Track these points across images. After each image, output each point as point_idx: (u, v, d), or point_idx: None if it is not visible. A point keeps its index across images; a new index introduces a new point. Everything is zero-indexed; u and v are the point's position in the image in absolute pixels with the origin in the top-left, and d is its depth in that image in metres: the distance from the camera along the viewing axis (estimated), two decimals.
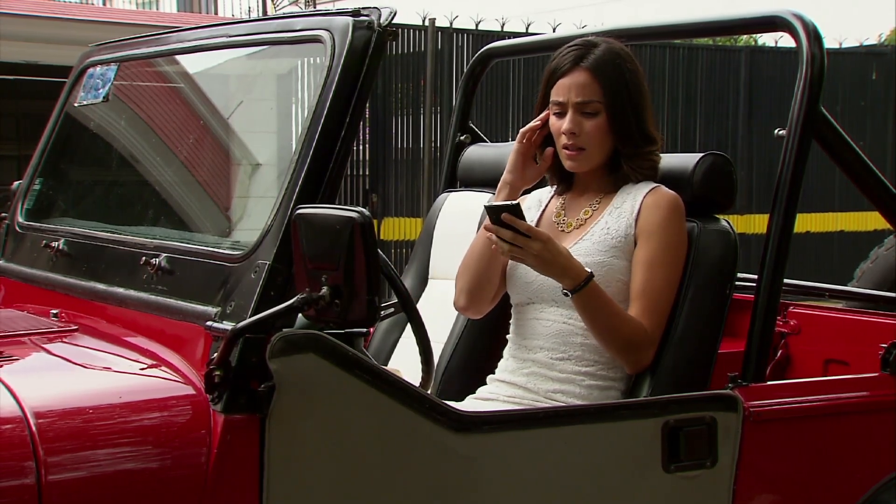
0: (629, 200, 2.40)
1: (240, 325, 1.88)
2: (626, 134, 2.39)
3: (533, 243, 2.21)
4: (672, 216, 2.36)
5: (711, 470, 2.29)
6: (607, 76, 2.37)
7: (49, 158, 2.92)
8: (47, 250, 2.61)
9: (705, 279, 2.46)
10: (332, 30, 2.07)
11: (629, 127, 2.39)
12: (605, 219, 2.41)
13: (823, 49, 2.44)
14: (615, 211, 2.40)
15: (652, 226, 2.35)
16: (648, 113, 2.43)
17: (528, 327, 2.43)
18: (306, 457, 1.93)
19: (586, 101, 2.37)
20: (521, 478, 2.13)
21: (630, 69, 2.40)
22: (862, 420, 2.53)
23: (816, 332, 3.31)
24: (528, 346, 2.41)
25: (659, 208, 2.36)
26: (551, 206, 2.55)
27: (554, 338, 2.38)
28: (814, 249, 10.48)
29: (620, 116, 2.38)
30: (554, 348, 2.38)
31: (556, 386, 2.35)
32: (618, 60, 2.39)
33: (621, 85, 2.38)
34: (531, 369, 2.39)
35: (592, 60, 2.38)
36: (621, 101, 2.37)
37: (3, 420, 1.81)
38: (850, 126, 8.81)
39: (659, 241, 2.34)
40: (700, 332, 2.45)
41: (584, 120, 2.38)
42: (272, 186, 2.19)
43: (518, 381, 2.40)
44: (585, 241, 2.39)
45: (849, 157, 2.59)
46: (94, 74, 2.82)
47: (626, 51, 2.44)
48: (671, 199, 2.38)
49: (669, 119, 10.11)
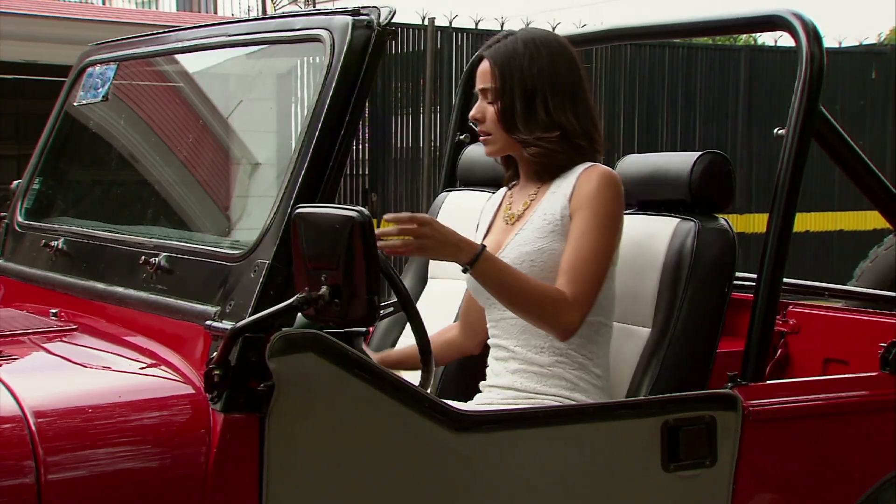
0: (564, 184, 2.38)
1: (239, 324, 1.88)
2: (511, 120, 2.38)
3: (422, 228, 2.16)
4: (602, 188, 2.32)
5: (711, 469, 2.29)
6: (500, 63, 2.39)
7: (48, 158, 2.92)
8: (47, 250, 2.61)
9: (704, 278, 2.46)
10: (332, 29, 2.07)
11: (513, 113, 2.38)
12: (542, 205, 2.40)
13: (823, 48, 2.44)
14: (552, 196, 2.39)
15: (582, 199, 2.33)
16: (561, 99, 2.37)
17: (499, 328, 2.43)
18: (306, 456, 1.93)
19: (485, 88, 2.42)
20: (520, 477, 2.13)
21: (530, 56, 2.37)
22: (861, 419, 2.53)
23: (816, 331, 3.31)
24: (505, 347, 2.41)
25: (590, 181, 2.34)
26: (504, 202, 2.56)
27: (522, 334, 2.37)
28: (813, 249, 10.48)
29: (508, 103, 2.38)
30: (526, 344, 2.37)
31: (541, 381, 2.34)
32: (520, 48, 2.39)
33: (512, 72, 2.38)
34: (513, 367, 2.39)
35: (494, 49, 2.42)
36: (510, 87, 2.37)
37: (3, 419, 1.81)
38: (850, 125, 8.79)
39: (588, 212, 2.31)
40: (699, 330, 2.45)
41: (487, 106, 2.42)
42: (272, 186, 2.19)
43: (505, 383, 2.40)
44: (525, 231, 2.39)
45: (848, 156, 2.60)
46: (93, 74, 2.82)
47: (541, 39, 2.41)
48: (602, 173, 2.34)
49: (669, 119, 10.11)
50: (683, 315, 2.45)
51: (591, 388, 2.35)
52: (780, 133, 2.46)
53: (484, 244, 2.25)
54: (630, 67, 9.95)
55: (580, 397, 2.34)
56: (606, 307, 2.40)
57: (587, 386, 2.35)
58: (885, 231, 6.94)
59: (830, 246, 10.75)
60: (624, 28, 3.08)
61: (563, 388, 2.34)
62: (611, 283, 2.40)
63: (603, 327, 2.40)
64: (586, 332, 2.35)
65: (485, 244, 2.25)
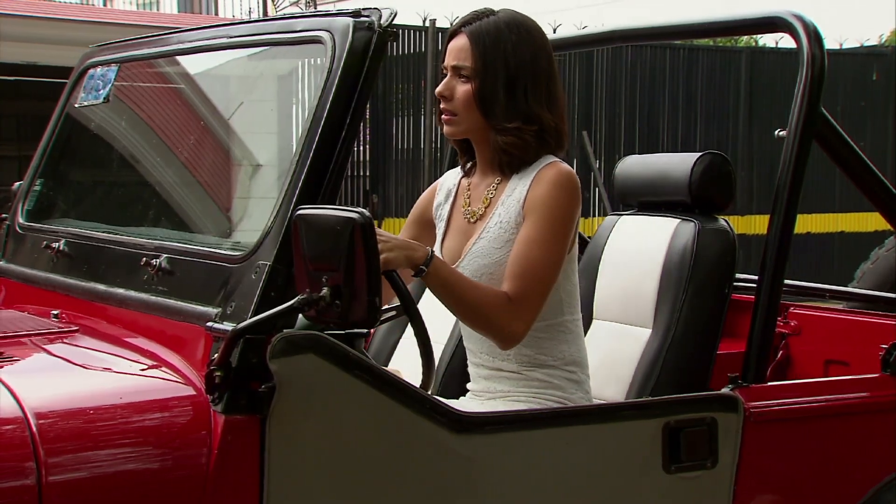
0: (520, 185, 2.28)
1: (240, 325, 1.88)
2: (491, 105, 2.27)
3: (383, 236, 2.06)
4: (556, 190, 2.23)
5: (712, 471, 2.29)
6: (483, 44, 2.27)
7: (50, 159, 2.92)
8: (48, 251, 2.61)
9: (704, 279, 2.46)
10: (333, 30, 2.07)
11: (496, 98, 2.26)
12: (498, 210, 2.31)
13: (824, 50, 2.45)
14: (507, 199, 2.30)
15: (535, 202, 2.25)
16: (539, 91, 2.29)
17: (465, 331, 2.40)
18: (307, 457, 1.93)
19: (460, 66, 2.29)
20: (521, 478, 2.13)
21: (516, 41, 2.28)
22: (862, 421, 2.53)
23: (817, 332, 3.31)
24: (474, 352, 2.39)
25: (542, 184, 2.25)
26: (460, 193, 2.45)
27: (484, 341, 2.32)
28: (814, 250, 10.48)
29: (489, 86, 2.26)
30: (491, 351, 2.33)
31: (514, 383, 2.32)
32: (504, 31, 2.28)
33: (497, 54, 2.26)
34: (484, 373, 2.37)
35: (475, 26, 2.29)
36: (493, 70, 2.26)
37: (4, 421, 1.81)
38: (851, 127, 8.80)
39: (538, 216, 2.22)
40: (699, 332, 2.45)
41: (458, 84, 2.30)
42: (272, 187, 2.19)
43: (480, 388, 2.38)
44: (483, 241, 2.31)
45: (849, 157, 2.60)
46: (94, 75, 2.82)
47: (524, 25, 2.31)
48: (557, 174, 2.24)
49: (670, 120, 10.12)
50: (684, 316, 2.45)
51: (565, 383, 2.32)
52: (782, 134, 2.46)
53: (431, 249, 2.15)
54: (631, 69, 9.95)
55: (557, 393, 2.31)
56: (570, 303, 2.33)
57: (561, 382, 2.31)
58: (886, 233, 6.93)
59: (831, 247, 10.75)
60: (625, 30, 3.08)
61: (537, 387, 2.31)
62: (571, 276, 2.33)
63: (569, 323, 2.33)
64: (552, 335, 2.31)
65: (431, 249, 2.15)
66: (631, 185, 2.79)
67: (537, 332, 2.28)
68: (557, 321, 2.31)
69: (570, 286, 2.34)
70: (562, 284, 2.30)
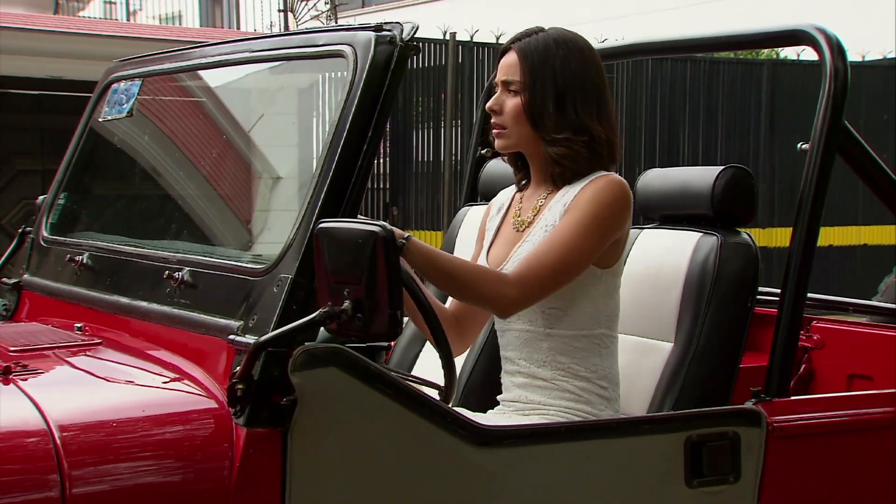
0: (570, 192, 2.31)
1: (262, 338, 1.88)
2: (540, 116, 2.31)
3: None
4: (600, 192, 2.26)
5: (734, 485, 2.28)
6: (532, 58, 2.32)
7: (73, 173, 2.94)
8: (71, 264, 2.63)
9: (726, 293, 2.45)
10: (355, 45, 2.08)
11: (545, 110, 2.30)
12: (545, 215, 2.35)
13: (847, 63, 2.43)
14: (555, 206, 2.34)
15: (576, 202, 2.28)
16: (589, 103, 2.32)
17: (505, 339, 2.41)
18: (328, 470, 1.93)
19: (509, 80, 2.34)
20: (542, 492, 2.12)
21: (564, 55, 2.32)
22: (886, 436, 2.50)
23: (840, 346, 3.29)
24: (511, 359, 2.39)
25: (589, 188, 2.28)
26: (513, 206, 2.49)
27: (524, 346, 2.35)
28: (837, 263, 10.42)
29: (538, 98, 2.31)
30: (529, 357, 2.35)
31: (546, 393, 2.32)
32: (552, 46, 2.33)
33: (545, 68, 2.31)
34: (519, 381, 2.37)
35: (524, 43, 2.35)
36: (542, 83, 2.31)
37: (28, 433, 1.83)
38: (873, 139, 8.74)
39: (574, 213, 2.25)
40: (721, 345, 2.44)
41: (507, 99, 2.35)
42: (293, 200, 2.19)
43: (512, 397, 2.38)
44: (526, 244, 2.34)
45: (872, 170, 2.58)
46: (118, 90, 2.84)
47: (573, 41, 2.36)
48: (606, 181, 2.28)
49: (690, 133, 10.09)
50: (706, 330, 2.43)
51: (595, 398, 2.33)
52: (804, 147, 2.44)
53: (408, 235, 2.11)
54: (652, 82, 9.94)
55: (586, 408, 2.31)
56: (610, 318, 2.35)
57: (591, 397, 2.32)
58: None
59: (854, 260, 10.68)
60: (646, 43, 3.07)
61: (568, 400, 2.32)
62: (614, 293, 2.36)
63: (606, 338, 2.35)
64: (588, 346, 2.32)
65: (409, 235, 2.12)
66: (652, 199, 2.78)
67: (575, 340, 2.31)
68: (595, 332, 2.32)
69: (613, 303, 2.35)
70: (601, 299, 2.32)
